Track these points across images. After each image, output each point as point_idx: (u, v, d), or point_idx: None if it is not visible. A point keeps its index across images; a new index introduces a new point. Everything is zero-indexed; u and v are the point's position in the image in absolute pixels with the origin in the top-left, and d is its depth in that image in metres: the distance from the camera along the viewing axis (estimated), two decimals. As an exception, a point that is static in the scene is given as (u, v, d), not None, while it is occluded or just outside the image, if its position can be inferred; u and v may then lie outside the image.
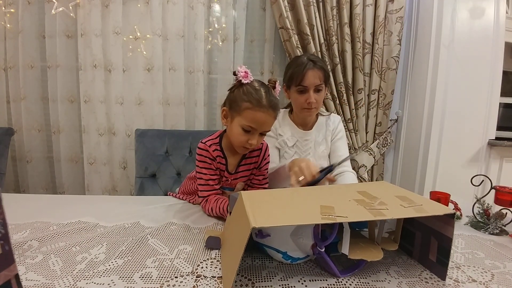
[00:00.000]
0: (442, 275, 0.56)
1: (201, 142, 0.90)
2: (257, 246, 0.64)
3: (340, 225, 0.58)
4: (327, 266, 0.57)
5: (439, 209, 0.54)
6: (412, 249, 0.64)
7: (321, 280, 0.55)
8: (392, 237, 0.65)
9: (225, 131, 0.93)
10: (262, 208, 0.54)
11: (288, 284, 0.53)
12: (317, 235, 0.57)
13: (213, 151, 0.88)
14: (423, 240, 0.61)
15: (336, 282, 0.54)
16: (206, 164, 0.89)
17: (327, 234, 0.57)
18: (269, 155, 1.00)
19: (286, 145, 1.17)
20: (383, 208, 0.54)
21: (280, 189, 0.80)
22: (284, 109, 1.24)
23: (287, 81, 1.11)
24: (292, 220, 0.52)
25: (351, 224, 0.66)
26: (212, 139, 0.91)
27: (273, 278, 0.55)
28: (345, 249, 0.56)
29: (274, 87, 0.87)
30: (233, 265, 0.50)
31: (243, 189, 1.02)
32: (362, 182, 1.82)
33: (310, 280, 0.54)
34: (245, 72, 0.81)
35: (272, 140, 1.17)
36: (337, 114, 1.66)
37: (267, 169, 1.00)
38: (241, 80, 0.81)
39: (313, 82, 1.06)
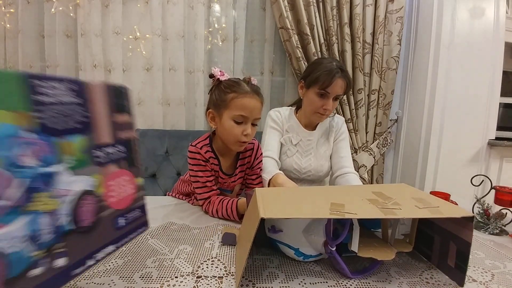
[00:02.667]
0: (460, 282, 0.53)
1: (191, 145, 0.88)
2: (270, 242, 0.64)
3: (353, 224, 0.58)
4: (339, 266, 0.56)
5: (456, 212, 0.51)
6: (431, 253, 0.62)
7: (321, 282, 0.54)
8: (407, 239, 0.62)
9: (213, 133, 0.92)
10: (273, 202, 0.55)
11: (288, 286, 0.53)
12: (329, 233, 0.56)
13: (205, 152, 0.87)
14: (442, 245, 0.59)
15: (336, 284, 0.54)
16: (200, 166, 0.87)
17: (339, 233, 0.56)
18: (261, 154, 0.99)
19: (290, 143, 1.16)
20: (396, 208, 0.52)
21: (294, 188, 0.80)
22: (290, 107, 1.23)
23: (310, 81, 1.08)
24: (300, 213, 0.52)
25: (365, 224, 0.65)
26: (202, 141, 0.89)
27: (274, 280, 0.55)
28: (354, 246, 0.55)
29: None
30: (242, 257, 0.50)
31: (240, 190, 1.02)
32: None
33: (310, 283, 0.54)
34: (220, 71, 0.85)
35: (277, 134, 1.16)
36: (337, 114, 1.65)
37: (260, 167, 0.99)
38: (219, 79, 0.84)
39: (337, 90, 1.05)
